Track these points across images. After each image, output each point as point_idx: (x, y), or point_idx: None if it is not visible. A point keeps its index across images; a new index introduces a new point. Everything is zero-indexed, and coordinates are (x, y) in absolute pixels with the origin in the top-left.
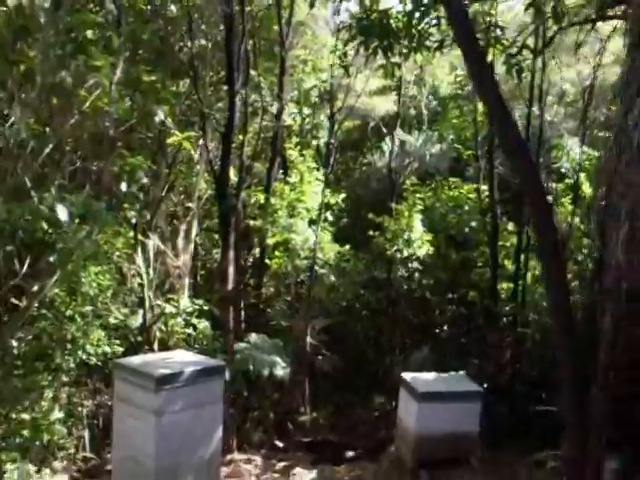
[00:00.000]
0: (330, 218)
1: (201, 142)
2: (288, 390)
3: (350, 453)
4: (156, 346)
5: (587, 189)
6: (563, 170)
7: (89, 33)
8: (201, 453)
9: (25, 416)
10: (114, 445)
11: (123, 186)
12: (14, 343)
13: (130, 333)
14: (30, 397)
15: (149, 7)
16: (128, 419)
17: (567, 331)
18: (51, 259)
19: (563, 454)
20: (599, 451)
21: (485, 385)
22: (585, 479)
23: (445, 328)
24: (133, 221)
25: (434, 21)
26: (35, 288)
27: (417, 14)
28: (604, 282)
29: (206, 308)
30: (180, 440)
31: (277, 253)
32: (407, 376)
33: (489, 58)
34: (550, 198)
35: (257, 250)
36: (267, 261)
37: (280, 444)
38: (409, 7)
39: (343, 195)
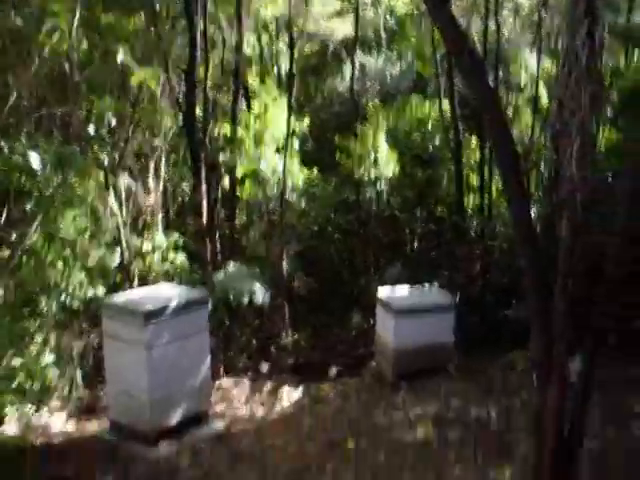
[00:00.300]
0: (296, 144)
1: (163, 79)
2: (268, 316)
3: (333, 370)
4: (136, 283)
5: (545, 101)
6: (522, 83)
7: None
8: (191, 382)
9: (18, 361)
10: (108, 381)
11: (91, 129)
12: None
13: (109, 273)
14: (21, 343)
15: None
16: (119, 355)
17: (528, 241)
18: (28, 207)
19: (531, 358)
20: (563, 355)
21: (457, 297)
22: (551, 381)
23: (416, 244)
24: (105, 163)
25: None
26: (14, 237)
27: None
28: (560, 194)
29: (181, 242)
30: (171, 371)
31: (247, 183)
32: (383, 293)
33: None
34: (509, 112)
35: (227, 182)
36: (238, 192)
37: (265, 368)
38: None
39: (307, 121)
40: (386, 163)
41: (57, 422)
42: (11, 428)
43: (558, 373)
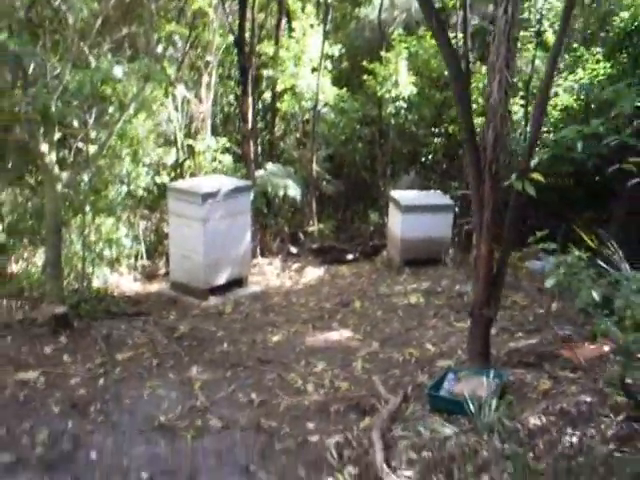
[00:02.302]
0: (330, 66)
1: (216, 1)
2: (299, 208)
3: (350, 256)
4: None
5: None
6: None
7: None
8: (236, 251)
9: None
10: (171, 247)
11: (160, 48)
12: (85, 177)
13: (166, 169)
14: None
15: None
16: (181, 228)
17: (470, 139)
18: (110, 110)
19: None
20: (490, 223)
21: (458, 201)
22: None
23: (430, 157)
24: (172, 77)
25: None
26: (102, 137)
27: None
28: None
29: (228, 145)
30: (221, 241)
31: (286, 97)
32: (394, 193)
33: None
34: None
35: (268, 95)
36: (277, 105)
37: (294, 250)
38: None
39: (340, 46)
40: (405, 85)
41: (127, 283)
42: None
43: (486, 236)
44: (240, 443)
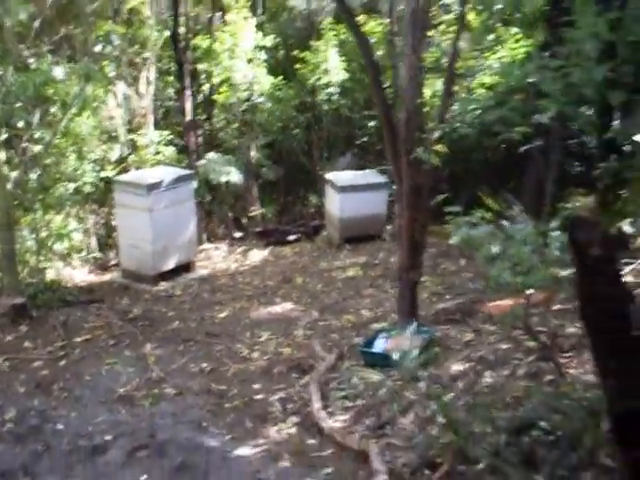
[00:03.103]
0: (265, 56)
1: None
2: (241, 195)
3: (292, 237)
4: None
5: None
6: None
7: None
8: (182, 238)
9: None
10: (120, 238)
11: (98, 47)
12: (33, 176)
13: (111, 164)
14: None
15: None
16: (128, 218)
17: (386, 118)
18: (54, 110)
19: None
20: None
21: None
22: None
23: (365, 139)
24: (112, 74)
25: None
26: (47, 136)
27: None
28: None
29: (170, 138)
30: (167, 229)
31: (223, 89)
32: (331, 175)
33: None
34: None
35: (207, 88)
36: (215, 97)
37: (239, 234)
38: None
39: (273, 36)
40: (336, 71)
41: (80, 275)
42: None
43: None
44: (193, 405)
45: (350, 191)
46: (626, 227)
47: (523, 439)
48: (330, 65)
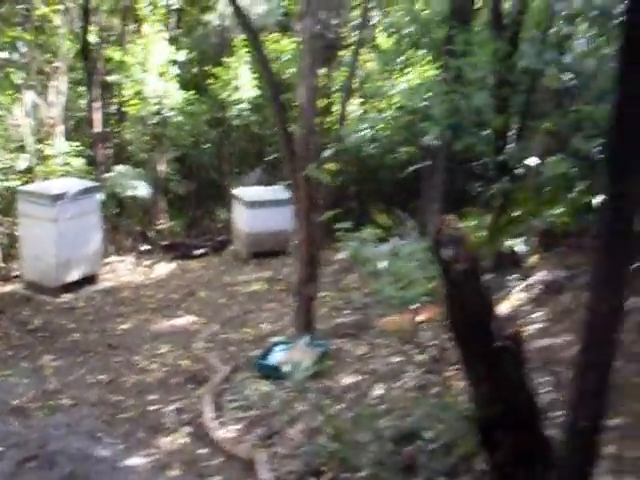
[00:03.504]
0: (177, 71)
1: (62, 7)
2: (149, 208)
3: (200, 251)
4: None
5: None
6: None
7: None
8: (87, 250)
9: None
10: (23, 248)
11: (4, 54)
12: None
13: (17, 174)
14: None
15: None
16: (32, 229)
17: (283, 131)
18: None
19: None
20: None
21: None
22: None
23: (275, 156)
24: (17, 82)
25: None
26: None
27: None
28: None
29: (79, 149)
30: (72, 240)
31: (134, 102)
32: (237, 191)
33: None
34: None
35: (117, 100)
36: (126, 109)
37: (146, 248)
38: None
39: (186, 51)
40: (248, 88)
41: None
42: None
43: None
44: (88, 416)
45: (258, 207)
46: (518, 246)
47: (406, 448)
48: (241, 82)
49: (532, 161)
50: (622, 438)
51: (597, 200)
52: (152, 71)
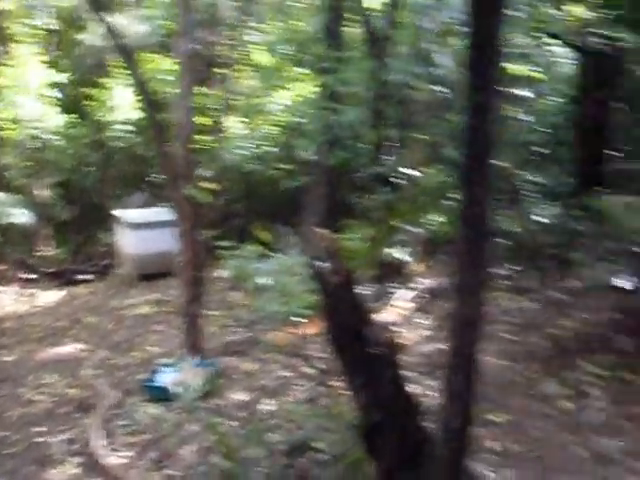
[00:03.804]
0: (57, 93)
1: None
2: (33, 235)
3: (86, 277)
4: None
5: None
6: None
7: None
8: None
9: None
10: None
11: None
12: None
13: None
14: None
15: None
16: None
17: (162, 152)
18: None
19: None
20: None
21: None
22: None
23: (159, 177)
24: None
25: None
26: None
27: None
28: None
29: None
30: None
31: (10, 126)
32: (120, 213)
33: None
34: None
35: None
36: (2, 133)
37: (31, 276)
38: None
39: (67, 73)
40: (127, 109)
41: None
42: None
43: (188, 242)
44: None
45: (143, 228)
46: (402, 255)
47: (298, 460)
48: (116, 102)
49: (409, 171)
50: (506, 433)
51: None
52: (29, 94)
